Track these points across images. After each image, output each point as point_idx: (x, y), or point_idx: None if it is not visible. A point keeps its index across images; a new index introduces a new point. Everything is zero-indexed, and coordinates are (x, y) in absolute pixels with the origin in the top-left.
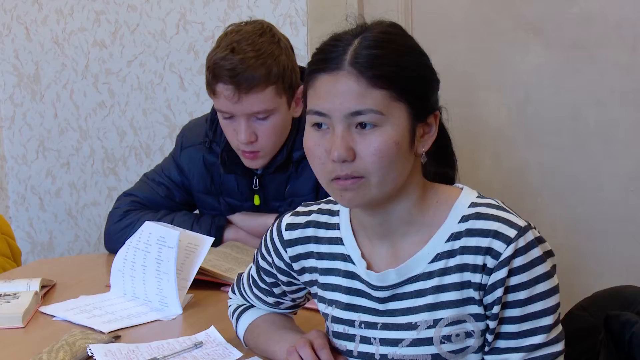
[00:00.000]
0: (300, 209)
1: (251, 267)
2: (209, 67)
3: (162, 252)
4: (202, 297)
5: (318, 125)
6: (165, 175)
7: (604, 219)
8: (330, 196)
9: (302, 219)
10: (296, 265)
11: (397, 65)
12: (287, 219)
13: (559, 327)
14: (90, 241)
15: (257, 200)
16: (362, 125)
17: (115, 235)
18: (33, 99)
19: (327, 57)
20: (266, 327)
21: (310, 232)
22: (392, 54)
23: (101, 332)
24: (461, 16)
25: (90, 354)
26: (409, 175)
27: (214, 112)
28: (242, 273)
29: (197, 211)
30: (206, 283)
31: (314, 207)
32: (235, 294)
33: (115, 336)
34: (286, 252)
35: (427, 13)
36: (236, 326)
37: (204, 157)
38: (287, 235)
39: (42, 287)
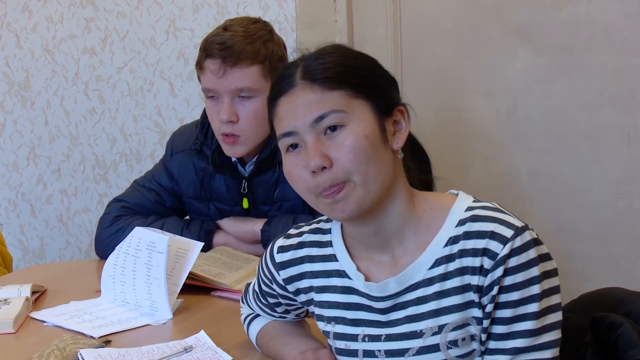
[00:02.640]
0: (292, 231)
1: (255, 282)
2: (201, 47)
3: (152, 257)
4: (192, 302)
5: (292, 146)
6: (155, 181)
7: (592, 223)
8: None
9: (294, 241)
10: (290, 287)
11: (345, 66)
12: (280, 241)
13: (553, 334)
14: (82, 247)
15: (245, 204)
16: (331, 129)
17: (106, 241)
18: (24, 106)
19: (280, 82)
20: (275, 332)
21: (303, 252)
22: (338, 59)
23: (92, 337)
24: (449, 22)
25: (80, 359)
26: (393, 179)
27: (204, 116)
28: (249, 284)
29: (187, 217)
30: (196, 288)
31: (305, 228)
32: (244, 304)
33: (106, 341)
34: (279, 274)
35: (416, 18)
36: (247, 331)
37: (193, 162)
38: (279, 257)
39: (33, 292)
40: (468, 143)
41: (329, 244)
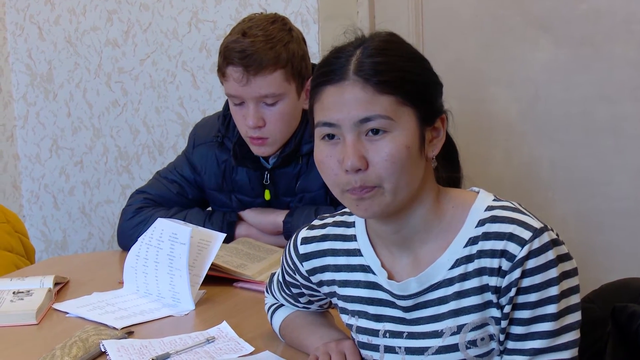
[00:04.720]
0: (315, 222)
1: (279, 272)
2: (221, 52)
3: (174, 248)
4: (215, 293)
5: (328, 136)
6: (177, 173)
7: (613, 214)
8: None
9: (317, 233)
10: (314, 279)
11: (400, 70)
12: (303, 232)
13: (571, 334)
14: (104, 239)
15: (267, 195)
16: (374, 132)
17: (128, 232)
18: (46, 98)
19: (330, 69)
20: (299, 322)
21: (326, 245)
22: (394, 60)
23: (114, 328)
24: (470, 13)
25: (103, 350)
26: (421, 182)
27: (226, 108)
28: (274, 273)
29: (209, 208)
30: (218, 279)
31: (329, 220)
32: (268, 293)
33: (128, 332)
34: (302, 265)
35: (437, 10)
36: (271, 321)
37: (216, 154)
38: (302, 249)
39: (56, 284)
40: (489, 134)
41: (353, 237)
